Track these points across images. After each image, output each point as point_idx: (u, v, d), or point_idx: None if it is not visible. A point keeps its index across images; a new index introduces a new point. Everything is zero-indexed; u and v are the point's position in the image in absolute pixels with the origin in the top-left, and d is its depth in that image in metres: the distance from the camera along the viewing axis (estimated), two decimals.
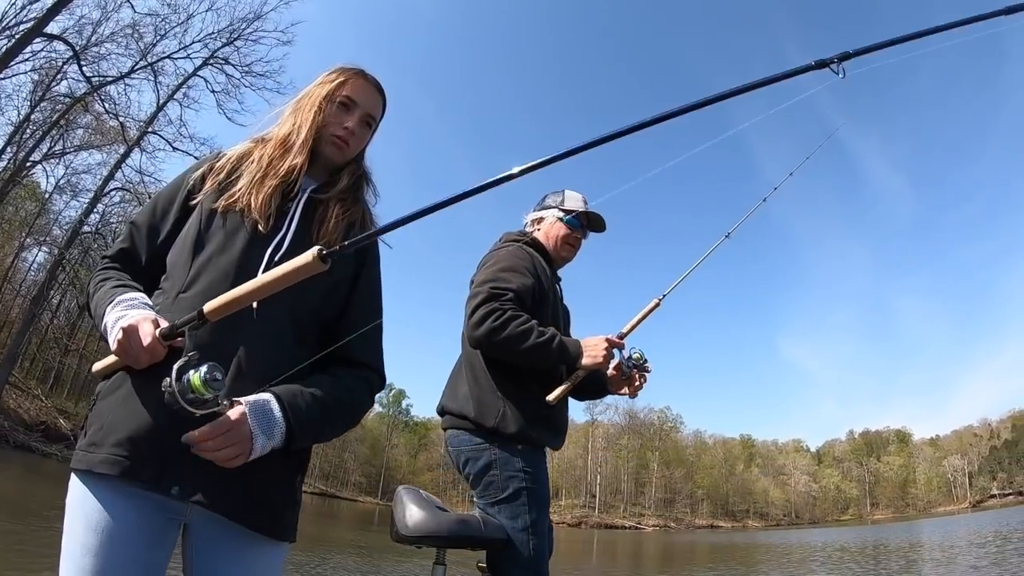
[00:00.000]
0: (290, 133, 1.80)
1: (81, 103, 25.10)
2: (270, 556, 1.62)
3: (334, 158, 1.86)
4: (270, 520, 1.58)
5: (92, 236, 27.43)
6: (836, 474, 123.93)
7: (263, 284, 1.35)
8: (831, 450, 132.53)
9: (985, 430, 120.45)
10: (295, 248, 1.62)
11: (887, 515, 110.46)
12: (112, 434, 1.46)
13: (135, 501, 1.46)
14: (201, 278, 1.60)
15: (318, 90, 1.84)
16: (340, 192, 1.84)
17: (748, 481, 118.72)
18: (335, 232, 1.75)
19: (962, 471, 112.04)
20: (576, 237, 3.14)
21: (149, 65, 24.78)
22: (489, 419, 2.69)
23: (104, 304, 1.54)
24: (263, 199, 1.69)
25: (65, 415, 32.77)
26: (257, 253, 1.64)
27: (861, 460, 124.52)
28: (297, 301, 1.62)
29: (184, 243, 1.68)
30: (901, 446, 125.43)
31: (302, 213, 1.75)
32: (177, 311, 1.52)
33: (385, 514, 45.97)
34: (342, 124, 1.83)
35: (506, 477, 2.65)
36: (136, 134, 25.72)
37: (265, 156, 1.77)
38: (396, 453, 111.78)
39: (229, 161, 1.79)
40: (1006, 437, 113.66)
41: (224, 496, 1.48)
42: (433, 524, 2.50)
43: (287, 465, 1.61)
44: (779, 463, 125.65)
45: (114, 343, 1.44)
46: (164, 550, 1.51)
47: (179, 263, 1.65)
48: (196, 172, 1.78)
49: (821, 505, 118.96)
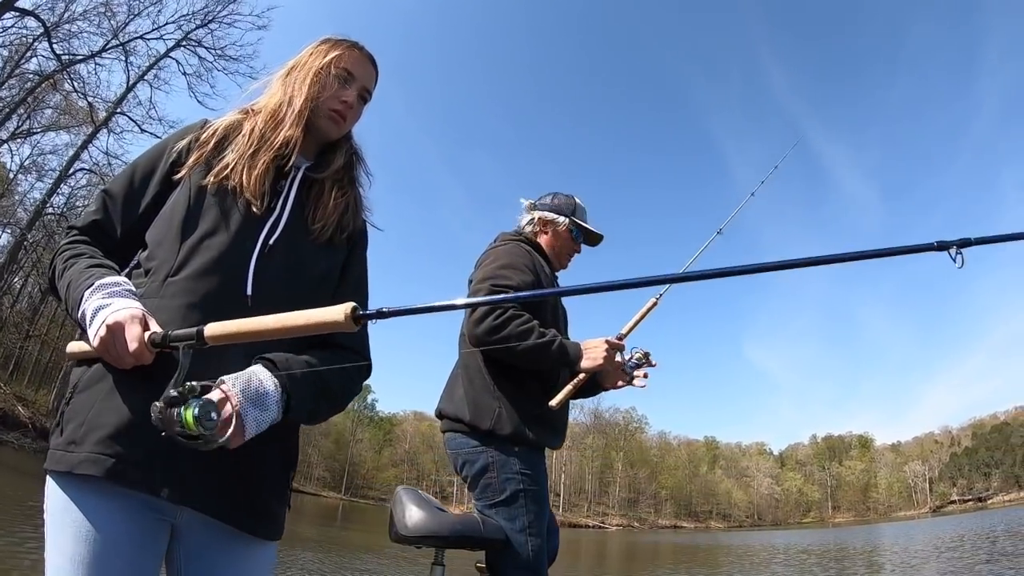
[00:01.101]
0: (281, 103, 1.69)
1: (50, 81, 24.56)
2: (264, 556, 1.57)
3: (330, 133, 1.76)
4: (264, 521, 1.51)
5: (56, 219, 26.78)
6: (798, 477, 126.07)
7: (281, 326, 1.22)
8: (794, 453, 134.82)
9: (946, 437, 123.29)
10: (290, 231, 1.59)
11: (848, 518, 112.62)
12: (94, 431, 1.34)
13: (122, 503, 1.35)
14: (192, 261, 1.48)
15: (312, 60, 1.74)
16: (336, 172, 1.76)
17: (711, 482, 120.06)
18: (332, 216, 1.68)
19: (923, 477, 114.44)
20: (577, 251, 3.15)
21: (121, 45, 24.33)
22: (485, 421, 2.67)
23: (81, 287, 1.40)
24: (256, 176, 1.59)
25: (24, 403, 32.11)
26: (251, 235, 1.55)
27: (823, 464, 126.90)
28: (295, 287, 1.55)
29: (171, 221, 1.54)
30: (863, 451, 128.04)
31: (297, 193, 1.66)
32: (167, 296, 1.44)
33: (349, 510, 46.08)
34: (339, 98, 1.73)
35: (504, 479, 2.63)
36: (105, 115, 25.26)
37: (256, 128, 1.65)
38: (361, 448, 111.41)
39: (216, 132, 1.66)
40: (966, 444, 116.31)
41: (218, 498, 1.40)
42: (433, 524, 2.50)
43: (280, 462, 1.56)
44: (742, 465, 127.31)
45: (96, 339, 1.31)
46: (157, 553, 1.42)
47: (165, 243, 1.52)
48: (181, 142, 1.65)
49: (783, 507, 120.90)
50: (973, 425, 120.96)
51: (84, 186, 28.03)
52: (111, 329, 1.29)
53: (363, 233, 1.83)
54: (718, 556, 28.21)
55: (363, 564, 13.84)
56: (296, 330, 1.21)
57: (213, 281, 1.46)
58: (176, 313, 1.40)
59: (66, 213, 26.72)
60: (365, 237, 1.84)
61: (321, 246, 1.66)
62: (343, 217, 1.71)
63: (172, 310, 1.41)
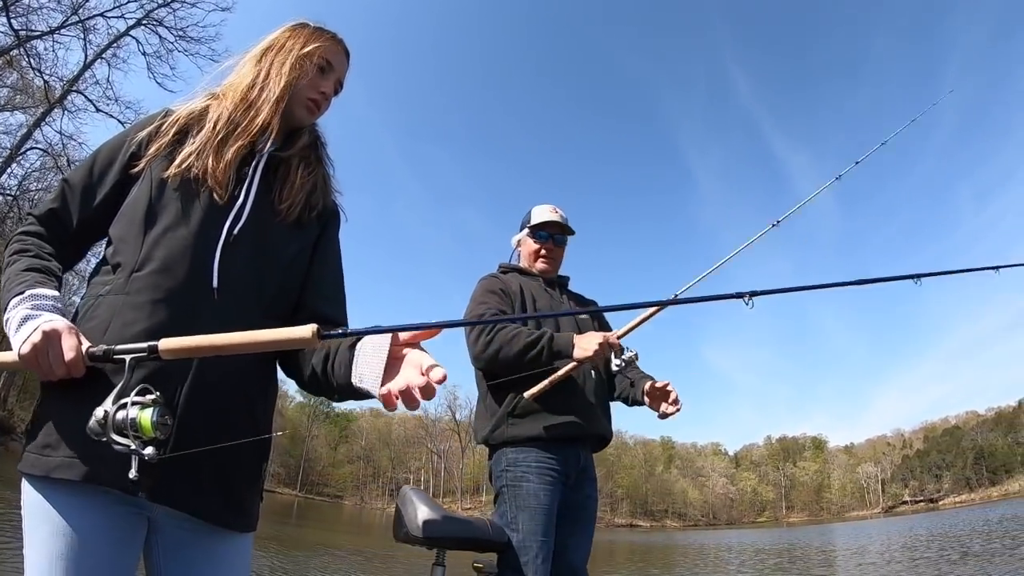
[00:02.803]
0: (253, 86, 1.66)
1: (6, 58, 23.64)
2: (240, 548, 1.56)
3: (303, 121, 1.76)
4: (240, 514, 1.52)
5: (9, 202, 25.74)
6: (753, 477, 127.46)
7: (244, 342, 1.21)
8: (749, 454, 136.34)
9: (898, 440, 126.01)
10: (256, 215, 1.57)
11: (802, 518, 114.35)
12: (67, 435, 1.33)
13: (98, 499, 1.34)
14: (155, 255, 1.46)
15: (292, 44, 1.72)
16: (302, 150, 1.74)
17: (667, 482, 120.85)
18: (299, 194, 1.67)
19: (875, 478, 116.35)
20: (548, 247, 3.28)
21: (81, 22, 23.39)
22: (485, 435, 2.88)
23: (12, 289, 1.38)
24: (224, 164, 1.56)
25: None
26: (215, 224, 1.52)
27: (778, 465, 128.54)
28: (264, 275, 1.56)
29: (133, 215, 1.52)
30: (816, 452, 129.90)
31: (262, 176, 1.63)
32: (132, 292, 1.42)
33: (304, 507, 45.87)
34: (318, 88, 1.74)
35: (495, 479, 2.82)
36: (60, 92, 24.31)
37: (225, 113, 1.62)
38: (316, 444, 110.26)
39: (178, 122, 1.61)
40: (918, 447, 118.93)
41: (193, 495, 1.40)
42: (443, 526, 2.53)
43: (255, 454, 1.55)
44: (698, 465, 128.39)
45: (27, 346, 1.27)
46: (134, 546, 1.43)
47: (128, 238, 1.50)
48: (141, 132, 1.60)
49: (738, 507, 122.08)
50: (925, 429, 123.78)
51: (38, 168, 26.91)
52: (47, 336, 1.26)
53: (334, 212, 1.82)
54: (674, 556, 28.27)
55: (323, 563, 13.49)
56: (261, 346, 1.21)
57: (178, 275, 1.44)
58: (142, 310, 1.39)
59: (19, 196, 25.59)
60: (337, 217, 1.83)
61: (290, 227, 1.64)
62: (311, 196, 1.70)
63: (138, 306, 1.40)
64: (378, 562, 14.97)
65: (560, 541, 2.76)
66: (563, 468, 2.79)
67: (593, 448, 3.07)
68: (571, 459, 2.83)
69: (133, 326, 1.36)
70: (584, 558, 2.87)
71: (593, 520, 2.96)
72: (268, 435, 1.59)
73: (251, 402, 1.54)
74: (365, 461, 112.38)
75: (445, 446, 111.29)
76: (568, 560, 2.78)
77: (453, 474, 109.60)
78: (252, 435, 1.46)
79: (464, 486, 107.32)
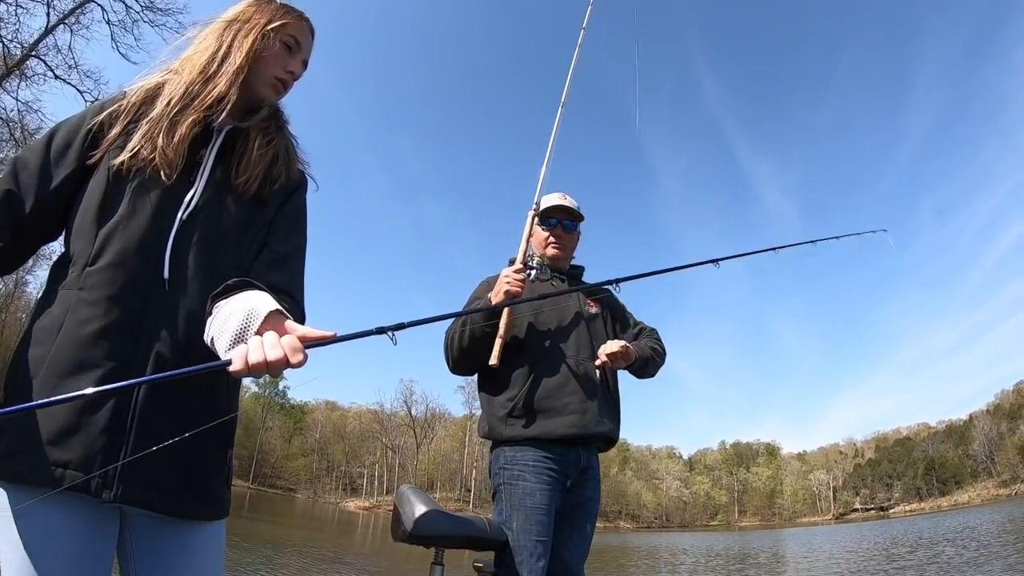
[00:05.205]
0: (214, 58, 1.57)
1: None
2: (212, 536, 1.54)
3: (267, 99, 1.68)
4: (209, 504, 1.49)
5: None
6: (707, 481, 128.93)
7: None
8: (703, 458, 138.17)
9: (850, 448, 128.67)
10: (209, 204, 1.51)
11: (754, 522, 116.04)
12: (30, 439, 1.28)
13: (66, 503, 1.30)
14: (108, 249, 1.41)
15: (258, 18, 1.63)
16: (261, 120, 1.64)
17: (621, 484, 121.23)
18: (257, 167, 1.57)
19: (827, 485, 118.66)
20: (558, 234, 3.22)
21: None
22: (486, 431, 2.87)
23: None
24: (177, 140, 1.48)
25: None
26: (169, 212, 1.46)
27: (731, 469, 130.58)
28: (217, 259, 1.49)
29: (87, 207, 1.46)
30: (770, 458, 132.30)
31: (220, 153, 1.56)
32: (87, 288, 1.38)
33: (256, 499, 45.04)
34: (285, 67, 1.67)
35: (495, 481, 2.80)
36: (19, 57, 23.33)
37: (181, 85, 1.54)
38: (270, 436, 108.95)
39: (133, 104, 1.53)
40: (870, 456, 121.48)
41: (160, 492, 1.38)
42: (443, 524, 2.52)
43: (219, 442, 1.51)
44: (652, 468, 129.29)
45: None
46: (107, 545, 1.40)
47: (83, 231, 1.44)
48: (98, 116, 1.52)
49: (691, 510, 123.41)
50: (877, 438, 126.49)
51: None
52: None
53: (300, 183, 1.71)
54: (628, 557, 28.13)
55: (281, 558, 13.18)
56: None
57: (131, 268, 1.40)
58: (96, 307, 1.36)
59: None
60: (303, 188, 1.73)
61: (248, 202, 1.56)
62: (272, 168, 1.61)
63: (92, 303, 1.36)
64: None
65: (558, 541, 2.72)
66: (562, 468, 2.75)
67: (599, 448, 3.00)
68: (571, 459, 2.79)
69: (87, 325, 1.33)
70: (581, 559, 2.82)
71: (592, 521, 2.90)
72: (228, 416, 1.49)
73: (213, 393, 1.48)
74: (319, 454, 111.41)
75: (400, 441, 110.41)
76: (565, 560, 2.75)
77: (407, 469, 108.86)
78: (218, 422, 1.41)
79: (418, 482, 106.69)
